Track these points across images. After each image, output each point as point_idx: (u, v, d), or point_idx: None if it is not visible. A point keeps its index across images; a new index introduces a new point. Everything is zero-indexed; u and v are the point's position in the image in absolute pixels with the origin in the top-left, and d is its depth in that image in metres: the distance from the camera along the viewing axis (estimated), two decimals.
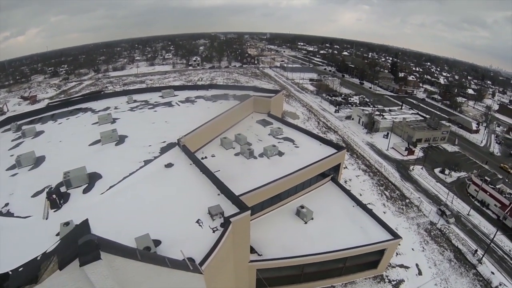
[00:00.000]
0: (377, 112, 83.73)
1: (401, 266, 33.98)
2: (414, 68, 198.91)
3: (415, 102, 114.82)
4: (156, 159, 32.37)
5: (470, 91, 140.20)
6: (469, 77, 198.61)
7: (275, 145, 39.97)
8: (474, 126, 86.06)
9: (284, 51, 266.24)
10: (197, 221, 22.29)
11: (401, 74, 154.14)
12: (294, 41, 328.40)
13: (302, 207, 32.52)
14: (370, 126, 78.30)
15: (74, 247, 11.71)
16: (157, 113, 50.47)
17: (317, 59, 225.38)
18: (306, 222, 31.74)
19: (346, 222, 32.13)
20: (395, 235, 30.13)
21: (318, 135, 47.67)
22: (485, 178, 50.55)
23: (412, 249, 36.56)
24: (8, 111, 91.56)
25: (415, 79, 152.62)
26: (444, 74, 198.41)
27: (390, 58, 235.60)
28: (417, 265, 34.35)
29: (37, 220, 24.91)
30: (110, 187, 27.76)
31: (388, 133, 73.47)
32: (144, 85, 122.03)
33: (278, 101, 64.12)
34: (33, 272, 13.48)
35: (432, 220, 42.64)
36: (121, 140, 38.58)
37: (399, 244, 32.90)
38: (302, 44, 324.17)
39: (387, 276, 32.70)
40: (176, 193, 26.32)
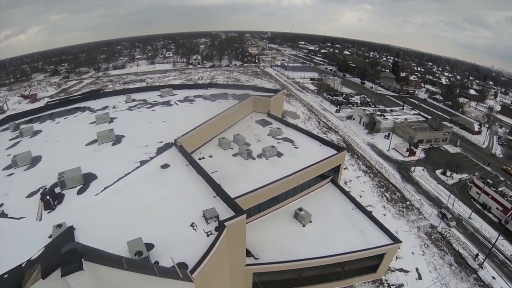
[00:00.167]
0: (378, 112, 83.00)
1: (401, 270, 33.43)
2: (416, 68, 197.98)
3: (417, 103, 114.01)
4: (152, 160, 31.92)
5: (472, 92, 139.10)
6: (471, 78, 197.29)
7: (274, 146, 39.44)
8: (476, 127, 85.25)
9: (285, 50, 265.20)
10: (192, 225, 21.80)
11: (403, 74, 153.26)
12: (295, 40, 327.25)
13: (300, 210, 31.94)
14: (371, 127, 77.63)
15: (58, 256, 11.23)
16: (155, 113, 50.01)
17: (318, 58, 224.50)
18: (304, 225, 31.18)
19: (345, 225, 31.57)
20: (395, 239, 29.58)
21: (318, 136, 46.99)
22: (487, 181, 49.85)
23: (412, 253, 35.99)
24: (8, 110, 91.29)
25: (417, 79, 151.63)
26: (446, 74, 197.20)
27: (392, 58, 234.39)
28: (417, 269, 33.77)
29: (31, 221, 24.60)
30: (105, 188, 27.36)
31: (389, 134, 72.84)
32: (144, 84, 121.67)
33: (278, 101, 63.51)
34: (18, 280, 13.04)
35: (433, 223, 42.03)
36: (118, 140, 38.16)
37: (399, 248, 32.35)
38: (303, 43, 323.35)
39: (387, 281, 32.16)
40: (171, 195, 25.84)
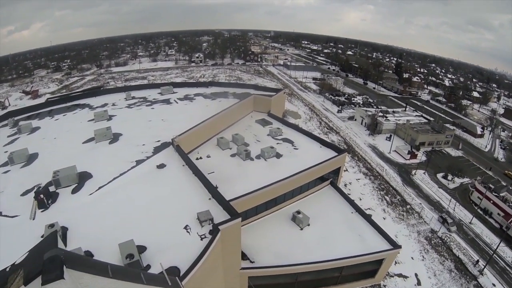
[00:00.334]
0: (381, 114, 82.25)
1: (400, 276, 32.89)
2: (419, 69, 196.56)
3: (419, 104, 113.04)
4: (149, 159, 31.49)
5: (475, 94, 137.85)
6: (474, 80, 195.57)
7: (273, 147, 38.89)
8: (479, 130, 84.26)
9: (288, 50, 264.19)
10: (185, 227, 21.34)
11: (406, 75, 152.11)
12: (298, 40, 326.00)
13: (299, 213, 31.39)
14: (373, 128, 76.92)
15: (40, 262, 10.74)
16: (154, 111, 49.58)
17: (321, 58, 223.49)
18: (302, 229, 30.63)
19: (344, 229, 31.01)
20: (395, 245, 29.01)
21: (319, 137, 46.44)
22: (489, 186, 49.12)
23: (412, 258, 35.42)
24: (10, 106, 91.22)
25: (420, 81, 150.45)
26: (449, 76, 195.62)
27: (395, 59, 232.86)
28: (416, 275, 33.22)
29: (24, 220, 24.30)
30: (99, 188, 26.98)
31: (391, 136, 72.14)
32: (146, 81, 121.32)
33: (279, 100, 62.94)
34: (1, 285, 12.64)
35: (433, 228, 41.41)
36: (115, 138, 37.74)
37: (398, 253, 31.78)
38: (306, 43, 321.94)
39: (385, 286, 31.63)
40: (166, 196, 25.38)
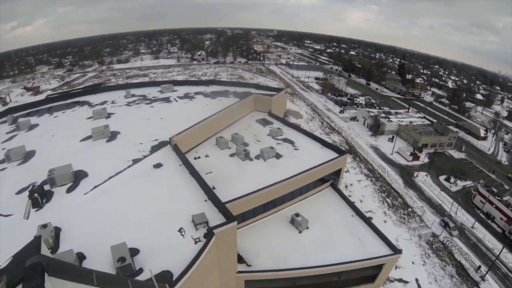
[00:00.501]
0: (383, 114, 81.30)
1: (400, 281, 32.15)
2: (422, 71, 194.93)
3: (422, 106, 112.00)
4: (145, 159, 30.98)
5: (479, 96, 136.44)
6: (478, 82, 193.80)
7: (273, 147, 38.27)
8: (482, 133, 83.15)
9: (291, 49, 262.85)
10: (180, 230, 20.78)
11: (409, 76, 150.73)
12: (301, 39, 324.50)
13: (297, 215, 30.75)
14: (375, 129, 76.07)
15: (22, 269, 10.28)
16: (154, 109, 49.08)
17: (324, 58, 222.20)
18: (301, 232, 29.99)
19: (344, 233, 30.33)
20: (395, 250, 28.31)
21: (320, 137, 45.68)
22: (492, 189, 48.23)
23: (412, 263, 34.67)
24: (11, 102, 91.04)
25: (423, 82, 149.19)
26: (453, 78, 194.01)
27: (398, 60, 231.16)
28: (417, 280, 32.49)
29: (18, 219, 23.92)
30: (95, 187, 26.52)
31: (394, 137, 71.23)
32: (147, 79, 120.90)
33: (281, 100, 62.28)
34: None
35: (435, 232, 40.62)
36: (113, 137, 37.28)
37: (399, 258, 31.07)
38: (309, 42, 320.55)
39: None
40: (161, 197, 24.85)
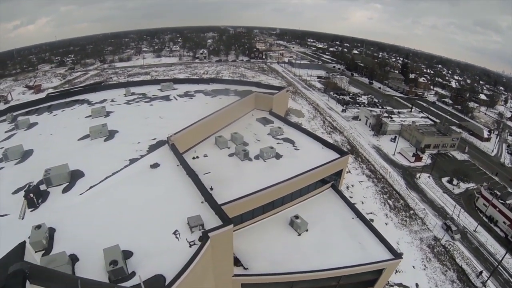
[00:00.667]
0: (386, 114, 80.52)
1: (400, 286, 31.69)
2: (425, 70, 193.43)
3: (425, 105, 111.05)
4: (142, 158, 30.47)
5: (483, 97, 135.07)
6: (481, 82, 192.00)
7: (273, 147, 37.69)
8: (486, 134, 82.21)
9: (293, 47, 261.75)
10: (174, 232, 20.30)
11: (412, 76, 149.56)
12: (304, 38, 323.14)
13: (297, 217, 30.18)
14: (378, 128, 75.38)
15: (4, 276, 9.82)
16: (153, 107, 48.59)
17: (326, 57, 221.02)
18: (300, 234, 29.43)
19: (344, 236, 29.73)
20: (396, 254, 27.64)
21: (321, 137, 45.05)
22: (495, 192, 47.45)
23: (413, 267, 34.15)
24: (12, 100, 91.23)
25: (426, 81, 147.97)
26: (456, 78, 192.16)
27: (401, 59, 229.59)
28: (417, 285, 32.01)
29: (13, 220, 23.58)
30: (90, 187, 26.11)
31: (396, 137, 70.55)
32: (149, 77, 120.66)
33: (282, 99, 61.63)
34: None
35: (436, 235, 40.02)
36: (111, 136, 36.84)
37: (399, 263, 30.49)
38: (312, 41, 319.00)
39: None
40: (157, 198, 24.36)
